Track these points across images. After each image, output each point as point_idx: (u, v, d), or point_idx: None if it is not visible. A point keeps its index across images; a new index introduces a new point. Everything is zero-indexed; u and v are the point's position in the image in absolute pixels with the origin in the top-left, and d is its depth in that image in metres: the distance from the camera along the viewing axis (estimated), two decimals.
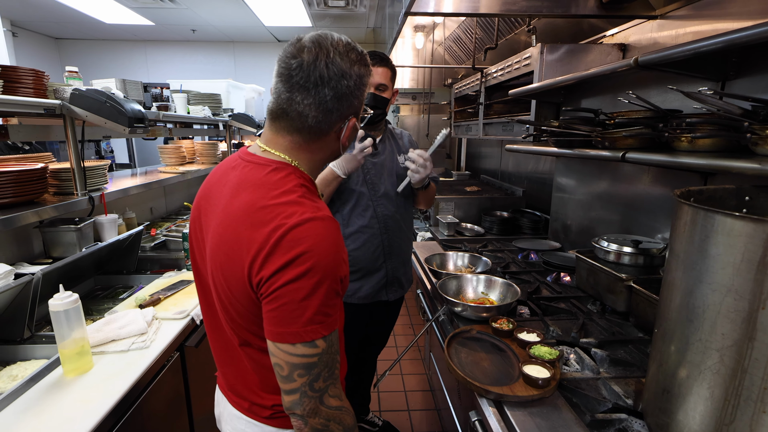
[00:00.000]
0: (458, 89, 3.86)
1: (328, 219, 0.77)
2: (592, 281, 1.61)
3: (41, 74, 1.86)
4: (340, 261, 0.76)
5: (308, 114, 0.80)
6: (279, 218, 0.73)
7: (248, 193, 0.78)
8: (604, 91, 2.02)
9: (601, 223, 2.02)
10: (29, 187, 1.69)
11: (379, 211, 1.72)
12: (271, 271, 0.71)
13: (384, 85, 1.68)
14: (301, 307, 0.71)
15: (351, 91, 0.81)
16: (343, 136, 0.86)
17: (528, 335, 1.26)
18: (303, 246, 0.71)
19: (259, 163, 0.83)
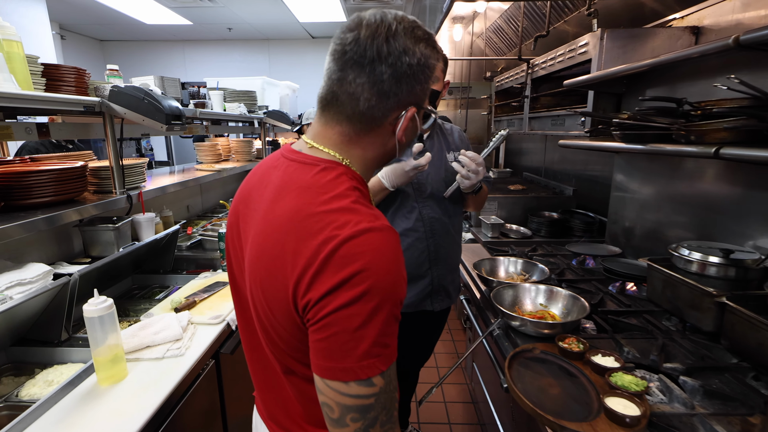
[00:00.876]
0: (499, 82, 3.67)
1: (388, 230, 0.64)
2: (669, 294, 1.42)
3: (83, 72, 1.83)
4: (400, 280, 0.63)
5: (360, 96, 0.68)
6: (330, 228, 0.61)
7: (293, 197, 0.66)
8: (675, 79, 1.81)
9: (672, 226, 1.82)
10: (69, 186, 1.66)
11: (425, 214, 1.58)
12: (321, 293, 0.59)
13: (436, 77, 1.53)
14: (356, 337, 0.58)
15: (413, 72, 0.68)
16: (399, 130, 0.72)
17: (604, 359, 1.10)
18: (359, 263, 0.58)
19: (305, 162, 0.71)
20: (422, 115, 0.78)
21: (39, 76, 1.65)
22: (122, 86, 1.72)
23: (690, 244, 1.41)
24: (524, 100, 2.97)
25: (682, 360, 1.19)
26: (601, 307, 1.53)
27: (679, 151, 1.29)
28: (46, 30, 4.12)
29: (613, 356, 1.10)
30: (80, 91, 1.81)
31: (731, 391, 1.04)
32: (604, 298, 1.60)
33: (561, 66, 2.41)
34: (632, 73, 1.61)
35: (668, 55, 1.34)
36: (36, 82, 1.61)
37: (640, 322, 1.41)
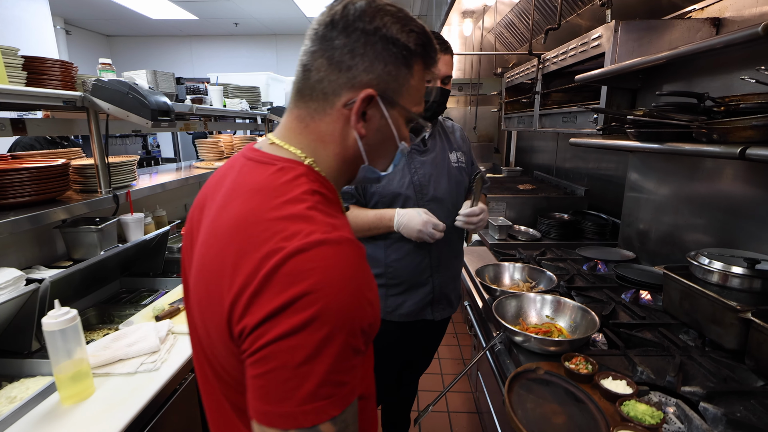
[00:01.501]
0: (510, 78, 3.54)
1: (347, 243, 0.53)
2: (687, 307, 1.30)
3: (69, 66, 1.75)
4: (361, 304, 0.53)
5: (311, 65, 0.60)
6: (276, 239, 0.51)
7: (240, 201, 0.57)
8: (694, 73, 1.68)
9: (690, 231, 1.69)
10: (49, 185, 1.58)
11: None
12: (258, 318, 0.48)
13: (450, 76, 1.45)
14: (299, 374, 0.47)
15: (370, 41, 0.59)
16: (353, 111, 0.61)
17: (615, 383, 0.98)
18: (306, 283, 0.48)
19: (260, 160, 0.61)
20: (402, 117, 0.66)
21: (19, 69, 1.58)
22: (106, 80, 1.64)
23: (710, 252, 1.29)
24: (534, 96, 2.85)
25: (702, 382, 1.07)
26: (613, 318, 1.41)
27: (701, 151, 1.17)
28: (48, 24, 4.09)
29: (625, 380, 0.99)
30: (66, 85, 1.73)
31: (758, 421, 0.93)
32: (617, 309, 1.48)
33: (573, 60, 2.28)
34: (648, 66, 1.48)
35: (688, 46, 1.22)
36: (14, 76, 1.54)
37: (656, 337, 1.29)
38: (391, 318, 1.51)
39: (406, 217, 1.38)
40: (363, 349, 0.54)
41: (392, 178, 1.45)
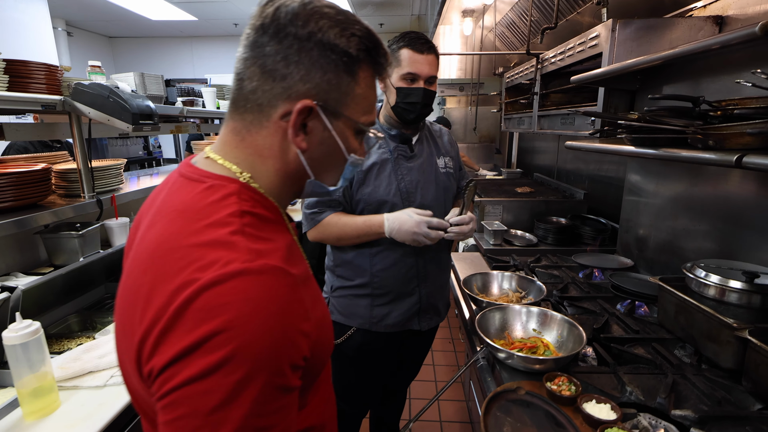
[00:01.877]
0: (510, 78, 3.47)
1: (272, 271, 0.49)
2: (682, 321, 1.24)
3: (54, 69, 1.72)
4: (288, 339, 0.48)
5: (244, 74, 0.56)
6: (190, 269, 0.46)
7: (162, 225, 0.53)
8: (696, 75, 1.62)
9: (691, 238, 1.62)
10: (30, 190, 1.56)
11: None
12: (167, 359, 0.44)
13: (434, 77, 1.39)
14: (211, 422, 0.43)
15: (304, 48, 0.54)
16: (290, 124, 0.56)
17: (599, 407, 0.92)
18: (220, 319, 0.44)
19: (191, 177, 0.57)
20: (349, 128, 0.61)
21: (1, 73, 1.55)
22: (86, 83, 1.60)
23: (707, 264, 1.23)
24: (533, 97, 2.79)
25: (695, 404, 1.01)
26: (605, 332, 1.35)
27: (696, 158, 1.11)
28: (47, 26, 4.08)
29: (609, 404, 0.93)
30: (52, 88, 1.71)
31: None
32: (609, 321, 1.42)
33: (571, 60, 2.22)
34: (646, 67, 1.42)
35: (683, 47, 1.16)
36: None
37: (649, 353, 1.23)
38: (377, 329, 1.46)
39: (397, 222, 1.33)
40: (295, 385, 0.49)
41: (379, 185, 1.40)
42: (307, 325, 0.51)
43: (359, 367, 1.54)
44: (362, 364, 1.54)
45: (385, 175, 1.41)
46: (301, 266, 0.57)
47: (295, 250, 0.59)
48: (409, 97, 1.36)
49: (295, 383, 0.49)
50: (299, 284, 0.52)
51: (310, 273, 0.62)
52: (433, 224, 1.31)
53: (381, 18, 5.34)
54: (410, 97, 1.36)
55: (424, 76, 1.36)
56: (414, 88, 1.35)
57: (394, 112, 1.42)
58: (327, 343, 0.63)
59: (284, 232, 0.59)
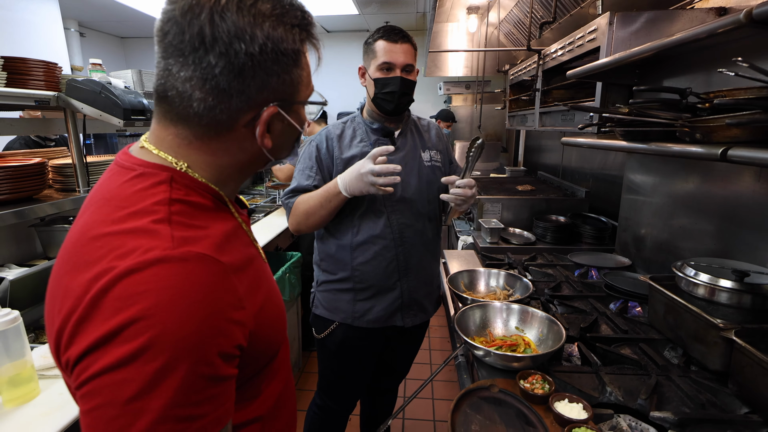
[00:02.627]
0: (513, 75, 3.43)
1: (197, 259, 0.48)
2: (671, 321, 1.20)
3: (53, 66, 1.75)
4: (215, 327, 0.47)
5: (191, 94, 0.52)
6: (109, 258, 0.45)
7: (89, 214, 0.52)
8: (695, 68, 1.56)
9: (687, 237, 1.57)
10: (26, 183, 1.59)
11: (394, 219, 1.41)
12: (82, 348, 0.43)
13: (411, 65, 1.38)
14: (129, 412, 0.42)
15: (259, 62, 0.52)
16: (258, 134, 0.56)
17: (570, 407, 0.89)
18: (136, 307, 0.43)
19: (123, 166, 0.56)
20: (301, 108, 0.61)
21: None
22: (79, 80, 1.62)
23: (698, 263, 1.18)
24: (535, 93, 2.75)
25: (677, 407, 0.97)
26: (592, 332, 1.31)
27: (684, 152, 1.07)
28: (58, 27, 4.15)
29: (581, 403, 0.90)
30: (50, 85, 1.74)
31: None
32: (599, 320, 1.38)
33: (570, 56, 2.17)
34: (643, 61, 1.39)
35: (673, 38, 1.12)
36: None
37: (635, 353, 1.19)
38: (359, 324, 1.45)
39: (347, 175, 1.29)
40: (227, 374, 0.48)
41: None
42: (240, 313, 0.50)
43: (342, 362, 1.53)
44: (345, 360, 1.53)
45: None
46: (239, 254, 0.56)
47: (236, 238, 0.58)
48: (387, 86, 1.35)
49: (226, 372, 0.48)
50: (230, 272, 0.51)
51: (256, 259, 0.62)
52: (375, 170, 1.23)
53: (386, 16, 5.31)
54: (388, 87, 1.35)
55: (400, 64, 1.35)
56: (391, 78, 1.35)
57: (374, 105, 1.41)
58: (273, 332, 0.62)
59: (225, 219, 0.58)
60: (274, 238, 2.56)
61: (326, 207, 1.34)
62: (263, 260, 0.68)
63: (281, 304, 0.67)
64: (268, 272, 0.67)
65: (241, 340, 0.50)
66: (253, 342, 0.54)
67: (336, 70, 6.21)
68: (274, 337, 0.62)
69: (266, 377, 0.64)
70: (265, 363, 0.62)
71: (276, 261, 2.44)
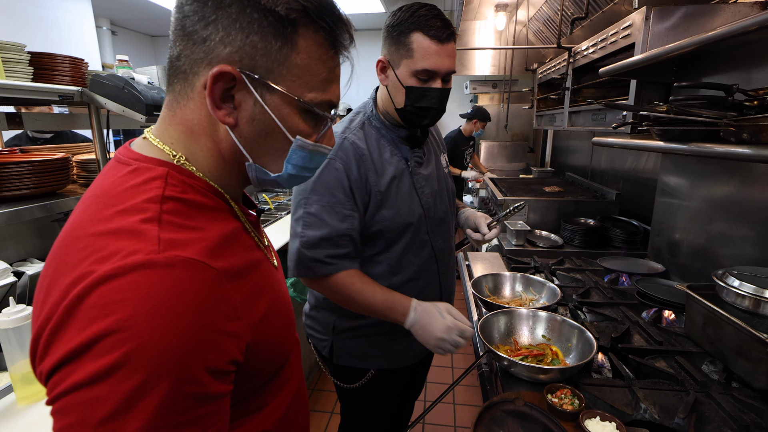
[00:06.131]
0: (542, 73, 3.34)
1: (184, 264, 0.44)
2: (711, 334, 1.12)
3: (79, 62, 1.78)
4: (204, 340, 0.43)
5: (172, 43, 0.53)
6: (89, 261, 0.42)
7: (78, 211, 0.49)
8: (736, 65, 1.47)
9: (727, 243, 1.48)
10: (50, 178, 1.61)
11: (437, 246, 1.25)
12: (55, 360, 0.40)
13: (453, 71, 1.09)
14: None
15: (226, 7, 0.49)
16: (207, 92, 0.50)
17: (602, 425, 0.84)
18: (112, 318, 0.39)
19: (120, 160, 0.53)
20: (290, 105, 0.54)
21: (25, 65, 1.61)
22: (103, 74, 1.64)
23: (741, 272, 1.11)
24: (564, 92, 2.66)
25: (719, 427, 0.90)
26: (624, 342, 1.24)
27: (730, 153, 1.00)
28: (90, 25, 4.26)
29: (614, 422, 0.84)
30: (76, 81, 1.76)
31: None
32: (631, 330, 1.31)
33: (604, 53, 2.09)
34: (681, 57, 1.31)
35: (716, 31, 1.04)
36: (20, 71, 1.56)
37: (671, 367, 1.12)
38: (400, 365, 1.30)
39: (425, 317, 1.07)
40: (218, 392, 0.45)
41: (401, 205, 1.17)
42: (234, 325, 0.47)
43: (376, 406, 1.37)
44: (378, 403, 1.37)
45: (406, 191, 1.17)
46: (239, 258, 0.52)
47: (236, 241, 0.54)
48: (423, 100, 1.08)
49: (217, 390, 0.44)
50: (224, 280, 0.47)
51: (261, 265, 0.58)
52: (467, 334, 1.06)
53: None
54: (424, 101, 1.08)
55: (443, 72, 1.07)
56: (429, 89, 1.07)
57: (399, 115, 1.15)
58: (278, 344, 0.58)
59: (225, 220, 0.55)
60: None
61: (376, 314, 1.12)
62: (272, 265, 0.64)
63: (290, 312, 0.63)
64: (275, 278, 0.62)
65: (236, 355, 0.47)
66: (253, 355, 0.51)
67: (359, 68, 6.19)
68: (279, 349, 0.58)
69: (272, 389, 0.60)
70: (270, 375, 0.59)
71: None
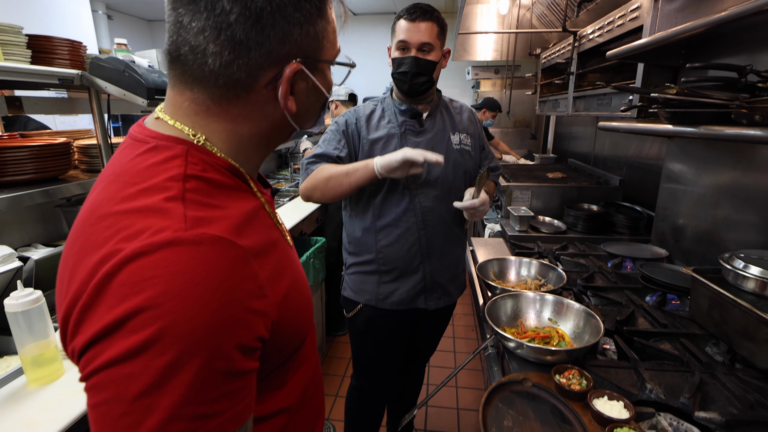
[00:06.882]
0: (546, 58, 3.31)
1: (212, 242, 0.44)
2: (716, 317, 1.12)
3: (78, 45, 1.75)
4: (232, 318, 0.43)
5: (206, 48, 0.48)
6: (116, 239, 0.42)
7: (98, 191, 0.49)
8: (751, 47, 1.45)
9: (732, 228, 1.48)
10: (51, 163, 1.59)
11: (417, 202, 1.39)
12: (87, 338, 0.40)
13: (428, 44, 1.33)
14: (138, 408, 0.38)
15: (278, 7, 0.48)
16: (281, 95, 0.51)
17: (610, 404, 0.84)
18: (143, 295, 0.39)
19: (136, 138, 0.52)
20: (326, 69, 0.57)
21: (23, 48, 1.58)
22: (103, 57, 1.62)
23: (748, 255, 1.11)
24: (569, 77, 2.64)
25: (723, 406, 0.91)
26: (629, 325, 1.25)
27: (741, 135, 0.99)
28: (86, 9, 4.19)
29: (622, 401, 0.85)
30: (75, 64, 1.73)
31: None
32: (635, 314, 1.32)
33: (610, 36, 2.07)
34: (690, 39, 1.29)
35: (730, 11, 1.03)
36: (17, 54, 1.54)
37: (676, 349, 1.13)
38: (384, 306, 1.45)
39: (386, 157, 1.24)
40: (247, 368, 0.45)
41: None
42: (260, 303, 0.47)
43: (371, 343, 1.55)
44: (373, 341, 1.55)
45: (391, 149, 1.36)
46: (261, 236, 0.52)
47: (257, 219, 0.54)
48: (401, 66, 1.34)
49: (245, 366, 0.45)
50: (250, 258, 0.47)
51: (280, 243, 0.58)
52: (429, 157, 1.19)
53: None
54: (402, 67, 1.34)
55: (415, 43, 1.31)
56: (405, 57, 1.33)
57: (395, 84, 1.42)
58: (299, 322, 0.58)
59: (245, 199, 0.54)
60: (299, 223, 2.55)
61: (352, 175, 1.29)
62: (288, 244, 0.64)
63: (308, 292, 0.63)
64: (293, 257, 0.63)
65: (262, 332, 0.47)
66: (276, 333, 0.51)
67: (362, 53, 6.13)
68: (300, 327, 0.59)
69: (293, 367, 0.61)
70: (290, 353, 0.59)
71: (300, 246, 2.43)
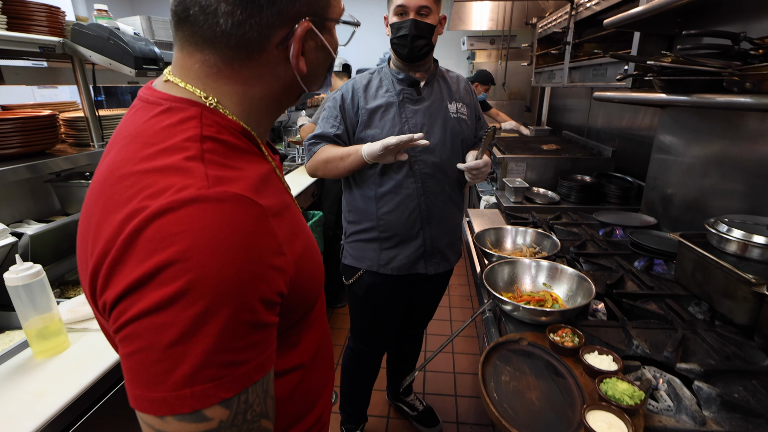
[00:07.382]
0: (543, 27, 3.28)
1: (234, 199, 0.45)
2: (699, 278, 1.18)
3: (56, 10, 1.64)
4: (256, 272, 0.45)
5: (216, 8, 0.48)
6: (140, 197, 0.43)
7: (115, 151, 0.50)
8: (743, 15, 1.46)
9: (718, 195, 1.53)
10: (37, 137, 1.53)
11: (417, 169, 1.42)
12: (118, 291, 0.42)
13: (426, 7, 1.33)
14: (171, 356, 0.41)
15: None
16: (292, 56, 0.53)
17: (600, 358, 0.90)
18: (172, 249, 0.41)
19: (148, 101, 0.53)
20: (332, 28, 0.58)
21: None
22: (85, 24, 1.57)
23: (731, 219, 1.16)
24: (565, 47, 2.63)
25: (702, 359, 0.97)
26: (618, 288, 1.31)
27: (732, 102, 1.02)
28: None
29: (611, 355, 0.91)
30: (54, 31, 1.62)
31: (756, 403, 0.84)
32: (624, 278, 1.38)
33: (607, 4, 2.07)
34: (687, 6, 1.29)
35: None
36: None
37: (661, 308, 1.19)
38: (384, 271, 1.50)
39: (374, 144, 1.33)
40: (269, 321, 0.48)
41: (383, 126, 1.41)
42: (280, 260, 0.49)
43: (370, 308, 1.61)
44: (372, 305, 1.60)
45: (389, 118, 1.41)
46: (275, 198, 0.54)
47: (270, 182, 0.56)
48: (400, 30, 1.35)
49: (268, 319, 0.48)
50: (269, 216, 0.49)
51: (292, 207, 0.60)
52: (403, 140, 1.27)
53: None
54: (401, 31, 1.34)
55: (413, 6, 1.31)
56: (404, 21, 1.33)
57: (393, 51, 1.43)
58: (312, 282, 0.61)
59: (257, 162, 0.56)
60: (296, 197, 2.56)
61: (345, 159, 1.39)
62: (298, 209, 0.67)
63: (318, 255, 0.66)
64: (304, 222, 0.66)
65: (282, 287, 0.49)
66: (293, 290, 0.53)
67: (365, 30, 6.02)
68: (312, 288, 0.61)
69: (305, 326, 0.64)
70: (303, 313, 0.62)
71: None
